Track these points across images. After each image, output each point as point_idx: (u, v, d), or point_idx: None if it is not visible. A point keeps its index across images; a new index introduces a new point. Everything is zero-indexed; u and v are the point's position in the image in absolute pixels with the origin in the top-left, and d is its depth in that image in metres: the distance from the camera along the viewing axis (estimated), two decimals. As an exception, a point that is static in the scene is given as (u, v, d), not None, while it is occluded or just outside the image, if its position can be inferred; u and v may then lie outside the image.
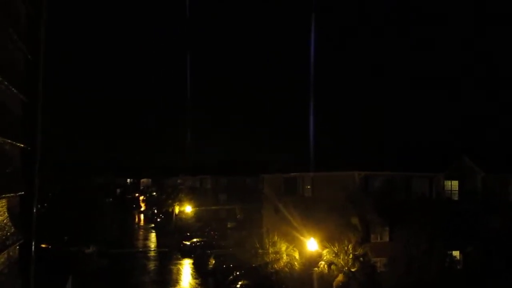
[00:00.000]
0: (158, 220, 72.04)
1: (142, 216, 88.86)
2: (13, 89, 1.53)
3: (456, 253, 32.44)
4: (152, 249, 52.46)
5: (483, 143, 42.98)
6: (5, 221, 1.48)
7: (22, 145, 1.67)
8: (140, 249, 52.20)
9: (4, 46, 1.51)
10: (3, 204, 1.47)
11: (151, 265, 43.05)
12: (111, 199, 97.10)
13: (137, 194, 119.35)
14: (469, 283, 28.73)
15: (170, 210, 67.49)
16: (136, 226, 76.34)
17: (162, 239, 57.61)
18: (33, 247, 1.79)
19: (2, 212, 1.45)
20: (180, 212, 66.00)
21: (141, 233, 66.57)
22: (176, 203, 66.91)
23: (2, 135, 1.41)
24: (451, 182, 36.33)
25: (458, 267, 31.08)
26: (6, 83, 1.45)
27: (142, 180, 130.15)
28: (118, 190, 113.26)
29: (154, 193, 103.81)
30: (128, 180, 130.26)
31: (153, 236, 62.53)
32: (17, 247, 1.58)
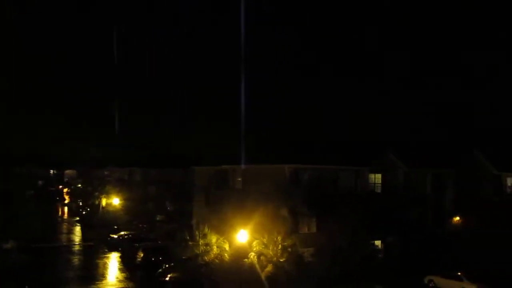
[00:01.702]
0: (84, 213, 69.45)
1: (66, 209, 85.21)
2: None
3: (378, 243, 34.15)
4: (77, 243, 50.56)
5: (407, 139, 45.50)
6: None
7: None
8: (64, 243, 50.13)
9: None
10: None
11: (76, 260, 41.49)
12: (32, 192, 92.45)
13: (60, 186, 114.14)
14: (390, 271, 30.39)
15: (97, 202, 65.29)
16: (60, 219, 73.07)
17: (87, 232, 55.66)
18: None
19: None
20: (107, 204, 64.05)
21: (65, 226, 63.85)
22: (103, 196, 64.85)
23: None
24: (375, 176, 38.23)
25: (380, 255, 32.75)
26: None
27: (66, 171, 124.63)
28: (40, 182, 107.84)
29: (80, 185, 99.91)
30: (51, 172, 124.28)
31: (77, 229, 60.22)
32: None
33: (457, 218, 37.53)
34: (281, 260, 28.58)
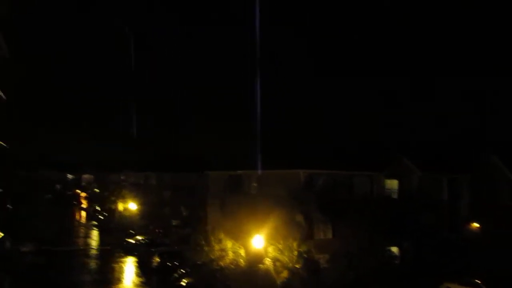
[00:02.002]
0: (100, 217, 70.19)
1: (83, 213, 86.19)
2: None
3: (394, 249, 33.91)
4: (94, 247, 51.13)
5: (421, 144, 45.11)
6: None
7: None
8: (81, 247, 50.73)
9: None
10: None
11: (92, 263, 41.99)
12: (50, 195, 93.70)
13: (78, 191, 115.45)
14: (404, 276, 30.17)
15: (113, 207, 65.98)
16: (77, 223, 73.99)
17: (104, 236, 56.28)
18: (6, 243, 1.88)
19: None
20: (123, 209, 64.66)
21: (82, 230, 64.64)
22: (119, 200, 65.50)
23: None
24: (390, 181, 37.97)
25: (396, 262, 32.51)
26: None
27: (83, 176, 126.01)
28: (58, 186, 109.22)
29: (97, 190, 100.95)
30: (69, 176, 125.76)
31: (95, 233, 60.90)
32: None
33: (473, 223, 37.08)
34: (297, 266, 28.56)
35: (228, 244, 31.34)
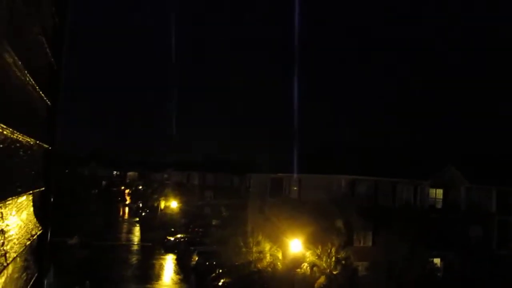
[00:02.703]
0: (143, 214, 71.82)
1: (127, 209, 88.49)
2: (42, 94, 1.69)
3: (437, 261, 32.93)
4: (136, 243, 52.36)
5: (471, 153, 43.53)
6: (30, 214, 1.64)
7: (46, 146, 1.82)
8: (123, 242, 52.06)
9: (37, 54, 1.67)
10: (30, 199, 1.63)
11: (133, 259, 42.98)
12: (96, 191, 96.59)
13: (123, 187, 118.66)
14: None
15: (156, 204, 67.36)
16: (121, 219, 76.01)
17: (146, 233, 57.49)
18: (48, 237, 1.96)
19: (29, 206, 1.61)
20: (165, 207, 65.91)
21: (125, 226, 66.33)
22: (162, 198, 66.81)
23: (34, 137, 1.57)
24: (435, 190, 36.81)
25: (438, 274, 31.55)
26: (37, 88, 1.61)
27: (128, 173, 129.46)
28: (104, 182, 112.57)
29: (140, 187, 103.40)
30: (115, 173, 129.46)
31: (137, 230, 62.36)
32: (36, 237, 1.74)
33: (524, 239, 35.50)
34: (334, 272, 28.23)
35: (267, 246, 31.37)
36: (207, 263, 36.17)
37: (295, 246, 28.43)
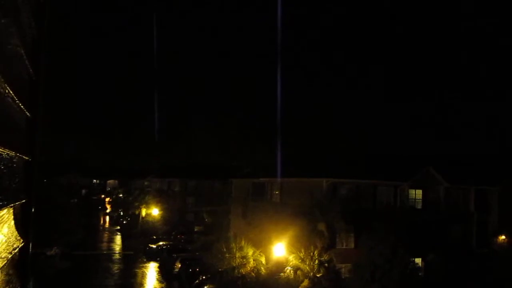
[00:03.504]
0: (124, 222, 71.03)
1: (107, 218, 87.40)
2: (21, 105, 1.67)
3: (418, 261, 33.30)
4: (117, 252, 51.72)
5: (448, 155, 44.36)
6: (12, 227, 1.62)
7: (26, 158, 1.80)
8: (105, 252, 51.38)
9: (16, 66, 1.65)
10: (11, 212, 1.61)
11: (115, 268, 42.43)
12: (76, 200, 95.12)
13: (103, 196, 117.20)
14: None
15: (137, 212, 66.66)
16: (101, 228, 75.04)
17: (127, 241, 56.87)
18: (30, 250, 1.94)
19: (10, 219, 1.59)
20: (146, 214, 65.27)
21: (106, 235, 65.49)
22: (143, 206, 66.14)
23: (14, 149, 1.55)
24: (415, 191, 37.33)
25: (420, 274, 31.91)
26: (17, 100, 1.59)
27: (108, 181, 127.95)
28: (84, 191, 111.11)
29: (121, 195, 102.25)
30: (94, 181, 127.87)
31: (118, 238, 61.63)
32: (18, 250, 1.72)
33: (503, 237, 36.19)
34: (318, 275, 28.34)
35: (250, 251, 31.32)
36: (190, 270, 35.93)
37: (278, 250, 28.47)
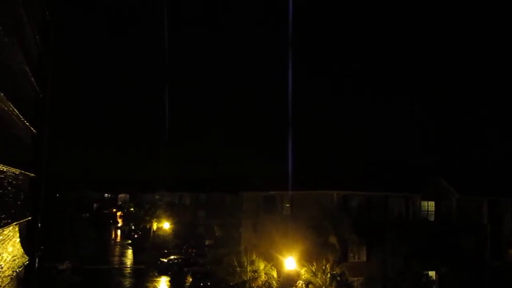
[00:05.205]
0: (135, 236, 71.09)
1: (119, 232, 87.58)
2: (26, 123, 1.69)
3: (432, 273, 32.83)
4: (128, 266, 51.68)
5: (460, 166, 43.95)
6: (17, 244, 1.63)
7: (32, 175, 1.82)
8: (116, 266, 51.36)
9: (21, 83, 1.67)
10: (16, 229, 1.62)
11: (127, 283, 42.39)
12: (87, 214, 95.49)
13: (114, 210, 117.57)
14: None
15: (148, 226, 66.67)
16: (113, 242, 75.16)
17: (138, 255, 56.82)
18: (36, 265, 1.95)
19: (15, 237, 1.60)
20: (158, 228, 65.27)
21: (117, 249, 65.54)
22: (154, 219, 66.18)
23: (19, 167, 1.57)
24: (427, 203, 36.92)
25: (434, 287, 31.46)
26: (22, 118, 1.61)
27: (119, 195, 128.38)
28: (95, 205, 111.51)
29: (132, 209, 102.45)
30: (106, 195, 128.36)
31: (129, 252, 61.62)
32: (23, 267, 1.72)
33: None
34: (330, 289, 28.05)
35: (261, 265, 31.11)
36: (201, 284, 35.79)
37: (290, 264, 28.24)
